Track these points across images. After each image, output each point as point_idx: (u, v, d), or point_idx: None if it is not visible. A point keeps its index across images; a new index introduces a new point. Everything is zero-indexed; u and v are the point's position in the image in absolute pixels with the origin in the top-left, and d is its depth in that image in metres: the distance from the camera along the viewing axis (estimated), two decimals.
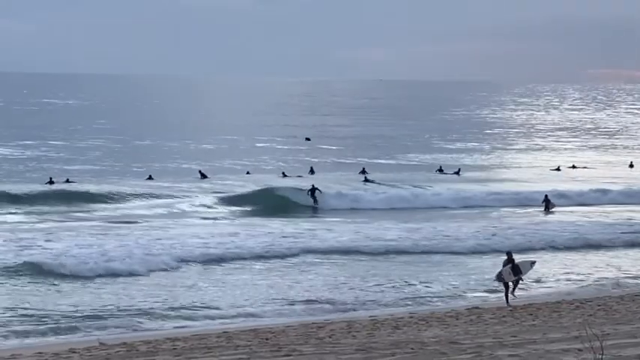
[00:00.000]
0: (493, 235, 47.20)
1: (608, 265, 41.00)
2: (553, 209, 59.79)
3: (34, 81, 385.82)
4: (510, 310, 29.26)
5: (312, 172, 76.34)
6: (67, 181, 65.57)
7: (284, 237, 45.73)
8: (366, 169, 75.50)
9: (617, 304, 29.78)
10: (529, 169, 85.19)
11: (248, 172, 75.62)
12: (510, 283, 32.63)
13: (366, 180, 70.08)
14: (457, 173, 77.61)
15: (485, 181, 72.24)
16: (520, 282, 33.46)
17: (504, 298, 31.94)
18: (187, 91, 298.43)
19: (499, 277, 32.87)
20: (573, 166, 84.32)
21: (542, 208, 59.82)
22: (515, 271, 32.83)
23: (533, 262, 34.61)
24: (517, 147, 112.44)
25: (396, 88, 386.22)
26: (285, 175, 72.11)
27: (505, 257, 33.19)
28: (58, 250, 40.64)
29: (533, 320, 26.66)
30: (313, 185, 61.66)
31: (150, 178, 69.26)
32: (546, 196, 61.21)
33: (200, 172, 72.00)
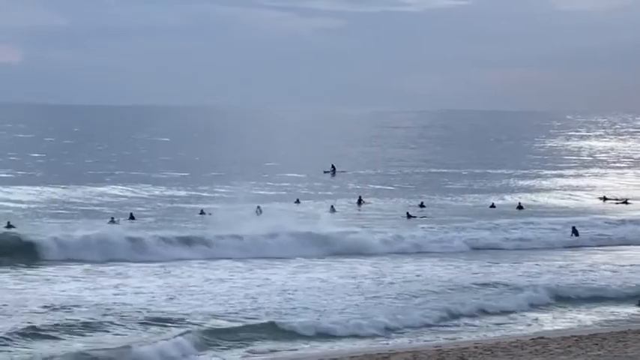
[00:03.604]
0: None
1: None
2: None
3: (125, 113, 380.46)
4: (576, 340, 29.24)
5: (360, 202, 76.23)
6: (131, 216, 64.22)
7: None
8: (424, 204, 74.55)
9: None
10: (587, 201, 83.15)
11: (298, 201, 75.57)
12: None
13: (409, 216, 68.52)
14: (519, 207, 76.21)
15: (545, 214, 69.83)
16: None
17: None
18: (256, 122, 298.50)
19: None
20: (605, 198, 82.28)
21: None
22: None
23: None
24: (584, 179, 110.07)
25: (461, 119, 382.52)
26: (333, 210, 71.41)
27: None
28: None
29: (599, 350, 26.64)
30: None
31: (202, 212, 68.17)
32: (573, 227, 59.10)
33: (258, 207, 71.62)
